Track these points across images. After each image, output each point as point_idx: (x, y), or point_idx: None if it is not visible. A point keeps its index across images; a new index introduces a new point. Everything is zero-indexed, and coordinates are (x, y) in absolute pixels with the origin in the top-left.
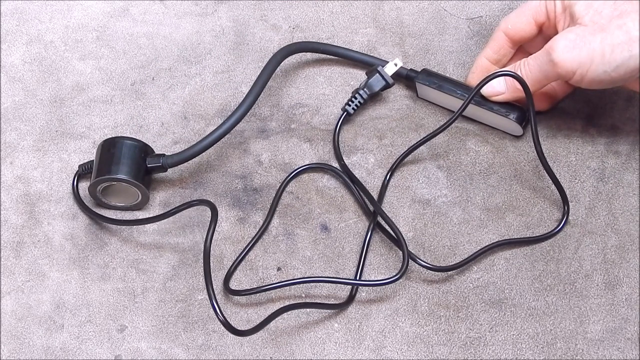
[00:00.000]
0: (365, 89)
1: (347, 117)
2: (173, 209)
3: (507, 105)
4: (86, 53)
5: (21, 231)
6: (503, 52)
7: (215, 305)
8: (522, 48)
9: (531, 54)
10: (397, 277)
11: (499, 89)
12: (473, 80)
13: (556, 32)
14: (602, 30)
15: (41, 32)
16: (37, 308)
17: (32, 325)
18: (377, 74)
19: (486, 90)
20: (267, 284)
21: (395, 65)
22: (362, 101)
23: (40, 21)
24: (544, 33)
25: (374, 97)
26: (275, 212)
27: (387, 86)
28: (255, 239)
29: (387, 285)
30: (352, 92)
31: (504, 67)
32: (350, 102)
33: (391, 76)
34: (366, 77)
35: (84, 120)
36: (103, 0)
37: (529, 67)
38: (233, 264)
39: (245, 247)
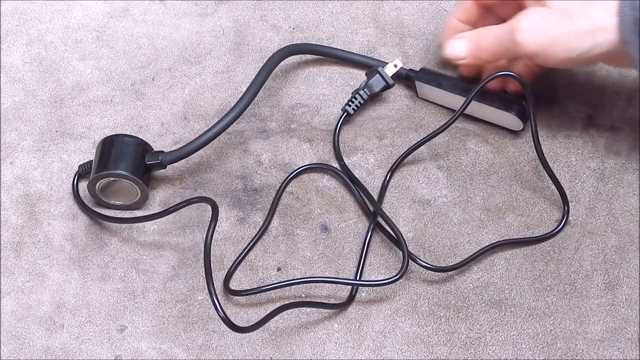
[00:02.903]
0: (365, 90)
1: (347, 117)
2: (172, 207)
3: (507, 101)
4: (86, 53)
5: (21, 231)
6: (472, 13)
7: (215, 302)
8: (493, 11)
9: (500, 17)
10: (397, 277)
11: (460, 52)
12: (443, 39)
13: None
14: (568, 16)
15: (41, 32)
16: (37, 308)
17: (32, 326)
18: (377, 75)
19: (447, 51)
20: (266, 284)
21: (395, 66)
22: (362, 102)
23: (40, 21)
24: None
25: (374, 98)
26: (275, 213)
27: (388, 87)
28: (255, 239)
29: (387, 286)
30: (352, 93)
31: (474, 27)
32: (350, 103)
33: (391, 77)
34: (366, 77)
35: (84, 121)
36: (103, 0)
37: (489, 40)
38: (233, 264)
39: (246, 247)
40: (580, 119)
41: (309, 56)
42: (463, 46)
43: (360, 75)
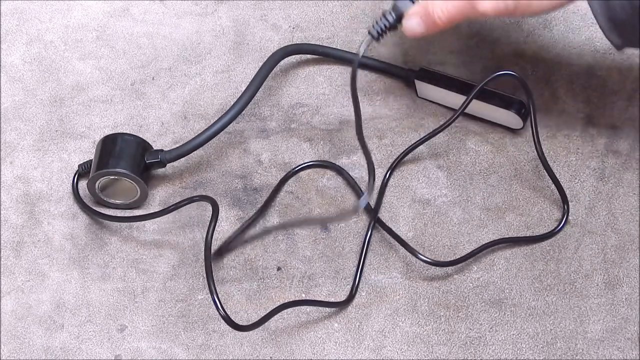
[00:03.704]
0: (391, 12)
1: (371, 40)
2: (172, 205)
3: (506, 99)
4: (86, 53)
5: (21, 231)
6: None
7: (216, 301)
8: None
9: None
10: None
11: (418, 30)
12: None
13: None
14: None
15: (41, 32)
16: (37, 308)
17: (32, 325)
18: None
19: (407, 33)
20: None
21: None
22: (387, 24)
23: (40, 21)
24: None
25: (395, 27)
26: (274, 212)
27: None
28: (251, 220)
29: (387, 285)
30: (381, 15)
31: None
32: (374, 25)
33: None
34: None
35: (84, 120)
36: (103, 0)
37: (446, 14)
38: (229, 238)
39: (242, 225)
40: (580, 119)
41: (308, 56)
42: (417, 24)
43: (360, 75)
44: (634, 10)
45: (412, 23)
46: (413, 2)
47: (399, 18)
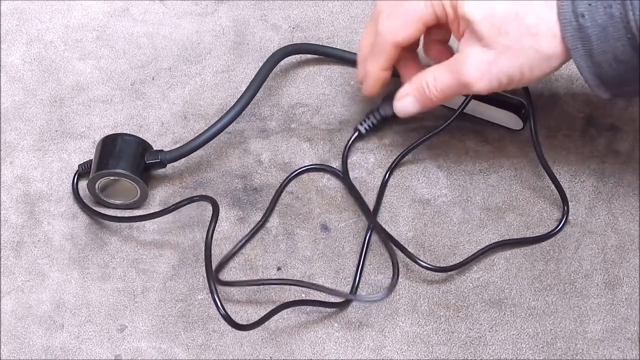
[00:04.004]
0: (379, 111)
1: (358, 136)
2: (173, 205)
3: (506, 99)
4: (86, 53)
5: (21, 231)
6: (396, 58)
7: (216, 300)
8: (414, 51)
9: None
10: (384, 296)
11: (412, 109)
12: (369, 91)
13: (452, 33)
14: (515, 54)
15: (41, 32)
16: (37, 308)
17: (32, 325)
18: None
19: (401, 114)
20: (258, 279)
21: None
22: (374, 122)
23: (40, 21)
24: (438, 27)
25: (387, 120)
26: (274, 212)
27: None
28: (250, 235)
29: (387, 285)
30: (367, 114)
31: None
32: (362, 122)
33: None
34: (382, 99)
35: (84, 120)
36: (103, 0)
37: (441, 87)
38: (225, 256)
39: (240, 241)
40: (580, 119)
41: (308, 56)
42: (411, 103)
43: None
44: (620, 65)
45: (406, 103)
46: None
47: (385, 118)
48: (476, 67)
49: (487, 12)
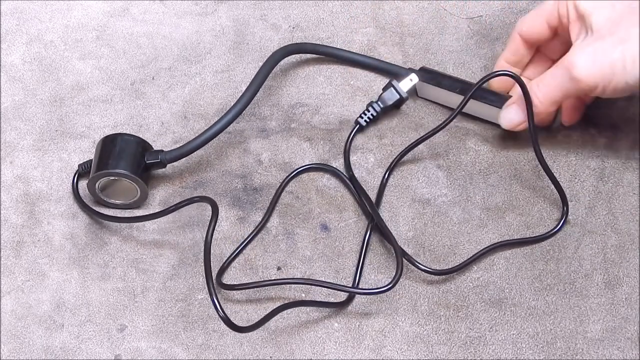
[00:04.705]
0: (378, 102)
1: (359, 129)
2: (172, 206)
3: (506, 100)
4: (86, 53)
5: (21, 231)
6: (520, 54)
7: (215, 302)
8: (541, 51)
9: (549, 58)
10: (390, 286)
11: (517, 119)
12: (495, 84)
13: (570, 38)
14: (621, 42)
15: (41, 31)
16: (37, 307)
17: (32, 325)
18: (392, 88)
19: (505, 125)
20: (260, 280)
21: (411, 80)
22: (374, 114)
23: (40, 21)
24: (560, 36)
25: (388, 111)
26: (274, 212)
27: (402, 100)
28: (251, 237)
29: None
30: (367, 105)
31: (524, 68)
32: (363, 115)
33: (406, 91)
34: (382, 90)
35: (84, 120)
36: (103, 0)
37: (546, 87)
38: (227, 259)
39: (241, 244)
40: (580, 119)
41: (308, 55)
42: (516, 112)
43: (360, 75)
44: None
45: (510, 112)
46: (400, 95)
47: (385, 109)
48: (584, 56)
49: (603, 4)
